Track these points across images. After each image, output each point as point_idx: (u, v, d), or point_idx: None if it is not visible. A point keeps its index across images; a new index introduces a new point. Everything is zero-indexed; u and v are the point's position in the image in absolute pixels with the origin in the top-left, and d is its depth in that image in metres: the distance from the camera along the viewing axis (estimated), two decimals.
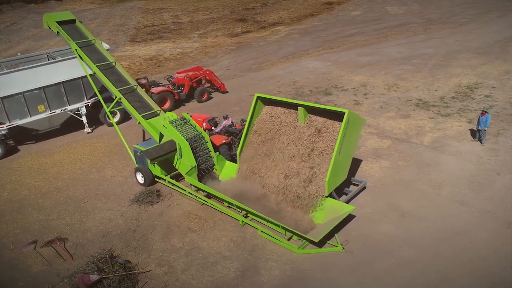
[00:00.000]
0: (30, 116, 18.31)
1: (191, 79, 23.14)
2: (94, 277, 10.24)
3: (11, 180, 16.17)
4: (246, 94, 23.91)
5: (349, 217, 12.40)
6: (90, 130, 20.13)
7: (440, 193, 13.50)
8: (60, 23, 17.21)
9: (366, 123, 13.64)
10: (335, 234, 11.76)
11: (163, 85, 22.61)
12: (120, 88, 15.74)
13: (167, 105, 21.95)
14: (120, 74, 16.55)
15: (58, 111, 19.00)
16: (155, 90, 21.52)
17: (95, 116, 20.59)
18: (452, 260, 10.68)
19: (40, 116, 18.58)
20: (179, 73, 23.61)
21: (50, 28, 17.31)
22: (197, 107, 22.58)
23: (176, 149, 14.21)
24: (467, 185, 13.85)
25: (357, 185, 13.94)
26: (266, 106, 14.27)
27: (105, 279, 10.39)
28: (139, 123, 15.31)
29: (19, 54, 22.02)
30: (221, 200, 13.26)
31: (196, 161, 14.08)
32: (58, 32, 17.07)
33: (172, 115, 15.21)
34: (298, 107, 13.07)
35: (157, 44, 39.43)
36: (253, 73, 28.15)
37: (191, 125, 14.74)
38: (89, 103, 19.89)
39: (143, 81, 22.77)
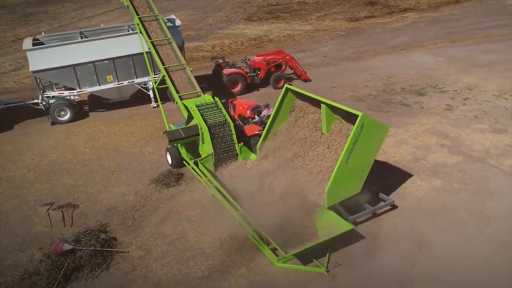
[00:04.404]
0: (99, 85, 20.20)
1: (269, 63, 22.94)
2: (68, 246, 11.04)
3: (66, 143, 18.12)
4: (328, 85, 23.00)
5: (357, 237, 11.34)
6: (156, 105, 21.40)
7: (483, 229, 11.45)
8: None
9: (389, 130, 12.07)
10: (328, 253, 10.84)
11: (238, 67, 22.82)
12: (167, 66, 16.43)
13: (238, 88, 22.16)
14: (174, 51, 17.26)
15: (125, 82, 20.59)
16: (226, 71, 21.86)
17: (164, 92, 21.72)
18: None
19: (108, 86, 20.37)
20: (258, 56, 23.62)
21: (122, 1, 18.79)
22: (271, 93, 22.31)
23: (198, 134, 14.40)
24: None
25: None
26: (297, 100, 13.61)
27: (78, 250, 11.15)
28: (176, 102, 15.83)
29: (102, 25, 24.29)
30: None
31: (215, 149, 14.03)
32: (128, 5, 18.43)
33: (209, 98, 15.35)
34: (321, 105, 12.21)
35: (270, 24, 39.88)
36: (349, 63, 26.84)
37: (220, 110, 14.67)
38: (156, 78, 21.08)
39: (220, 61, 23.32)
